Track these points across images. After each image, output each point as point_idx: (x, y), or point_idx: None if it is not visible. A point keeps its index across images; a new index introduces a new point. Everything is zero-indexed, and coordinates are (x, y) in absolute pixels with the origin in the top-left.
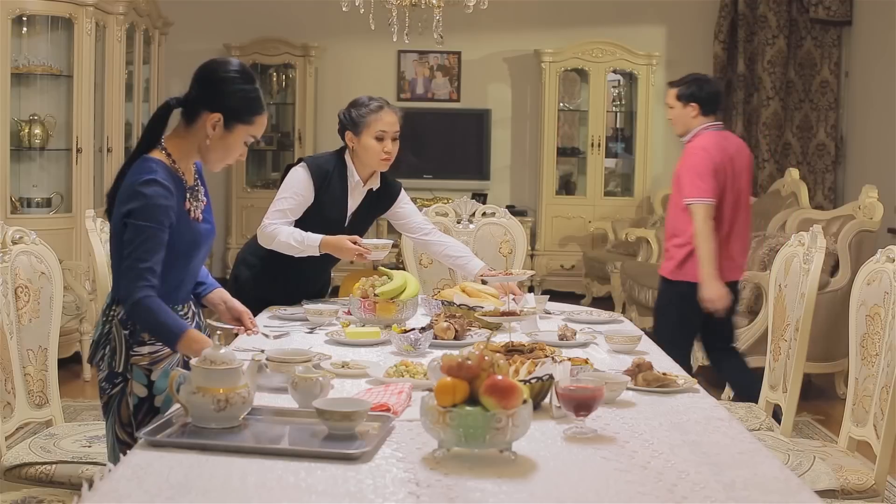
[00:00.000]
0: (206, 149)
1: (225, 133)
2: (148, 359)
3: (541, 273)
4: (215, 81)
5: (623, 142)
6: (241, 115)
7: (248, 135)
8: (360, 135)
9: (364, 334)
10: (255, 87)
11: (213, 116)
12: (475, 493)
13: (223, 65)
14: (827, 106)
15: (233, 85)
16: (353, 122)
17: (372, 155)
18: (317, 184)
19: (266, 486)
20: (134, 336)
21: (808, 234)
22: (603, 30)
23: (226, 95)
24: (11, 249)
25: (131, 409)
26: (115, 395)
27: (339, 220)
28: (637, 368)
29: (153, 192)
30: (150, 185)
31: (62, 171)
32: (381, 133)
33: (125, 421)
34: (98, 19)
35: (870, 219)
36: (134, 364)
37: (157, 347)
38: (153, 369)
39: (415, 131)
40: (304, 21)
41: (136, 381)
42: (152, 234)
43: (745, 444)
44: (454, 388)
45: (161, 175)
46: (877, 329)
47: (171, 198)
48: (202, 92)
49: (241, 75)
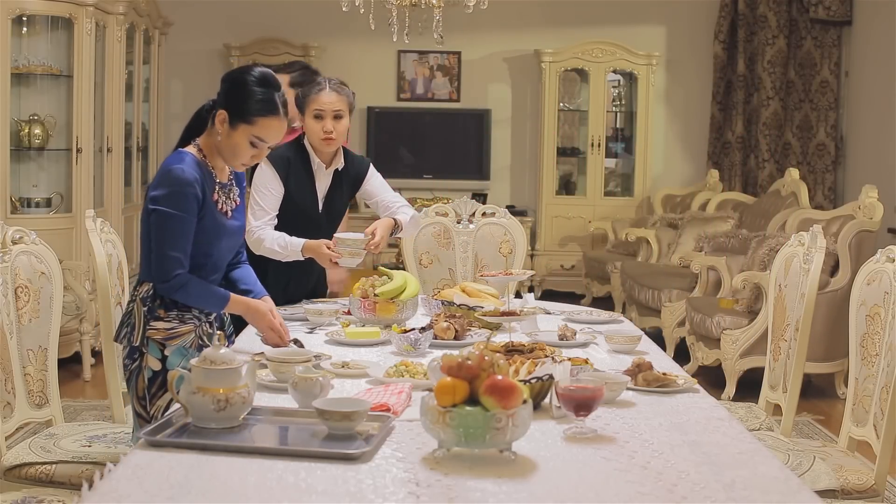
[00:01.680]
0: (219, 146)
1: (230, 131)
2: (163, 333)
3: (541, 273)
4: (230, 81)
5: (623, 142)
6: (245, 114)
7: (252, 135)
8: (304, 115)
9: (364, 334)
10: (269, 91)
11: (221, 113)
12: (475, 493)
13: (245, 69)
14: (827, 106)
15: (245, 87)
16: (299, 103)
17: (312, 134)
18: (281, 174)
19: (266, 486)
20: (151, 312)
21: (808, 234)
22: (603, 30)
23: (236, 95)
24: (11, 249)
25: (146, 382)
26: (134, 371)
27: (312, 207)
28: (637, 368)
29: (179, 180)
30: (176, 173)
31: (62, 171)
32: (318, 111)
33: (140, 394)
34: (98, 19)
35: (870, 219)
36: (150, 338)
37: (174, 325)
38: (167, 344)
39: (415, 131)
40: (304, 21)
41: (151, 354)
42: (179, 221)
43: (745, 444)
44: (454, 388)
45: (188, 165)
46: (877, 329)
47: (196, 187)
48: (221, 90)
49: (257, 79)
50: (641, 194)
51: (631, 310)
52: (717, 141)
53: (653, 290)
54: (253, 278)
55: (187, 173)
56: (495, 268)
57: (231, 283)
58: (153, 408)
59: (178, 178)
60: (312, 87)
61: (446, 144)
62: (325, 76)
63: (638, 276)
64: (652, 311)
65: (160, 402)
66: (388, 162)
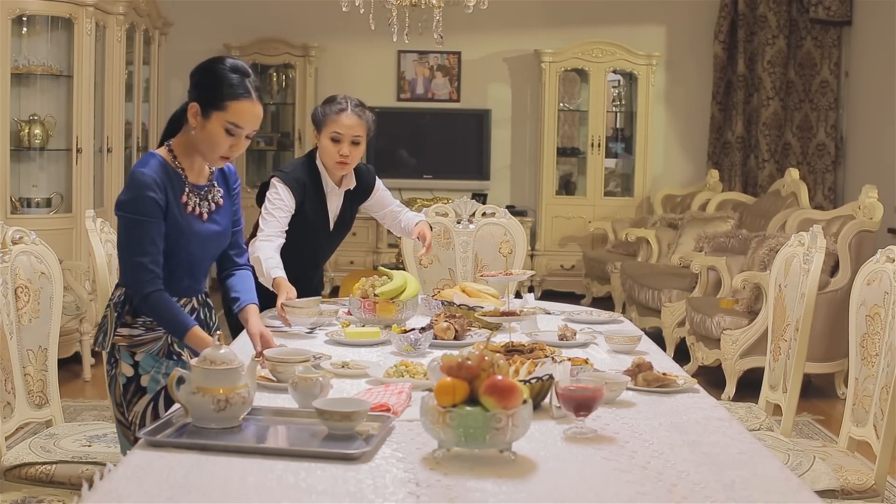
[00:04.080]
0: (196, 142)
1: (204, 122)
2: (127, 340)
3: (541, 273)
4: (200, 72)
5: (623, 142)
6: (215, 100)
7: (226, 122)
8: (321, 133)
9: (364, 334)
10: (237, 76)
11: (193, 106)
12: (475, 493)
13: (213, 59)
14: (827, 106)
15: (214, 74)
16: (316, 120)
17: (327, 155)
18: (297, 197)
19: (266, 486)
20: (120, 318)
21: (808, 234)
22: (603, 30)
23: (203, 84)
24: (11, 249)
25: (121, 388)
26: (113, 376)
27: (324, 225)
28: (637, 368)
29: (139, 183)
30: (137, 177)
31: (62, 171)
32: (336, 134)
33: (118, 401)
34: (98, 19)
35: (870, 219)
36: (117, 344)
37: (140, 332)
38: (135, 351)
39: (415, 131)
40: (304, 21)
41: (123, 360)
42: (145, 226)
43: (745, 444)
44: (454, 388)
45: (150, 168)
46: (877, 329)
47: (156, 190)
48: (190, 85)
49: (225, 66)
50: (641, 194)
51: (631, 310)
52: (717, 141)
53: (653, 290)
54: (246, 286)
55: (146, 176)
56: (495, 268)
57: (225, 291)
58: (131, 413)
59: (138, 181)
60: (332, 105)
61: (446, 144)
62: (345, 95)
63: (638, 276)
64: (652, 311)
65: (137, 407)
66: (388, 162)
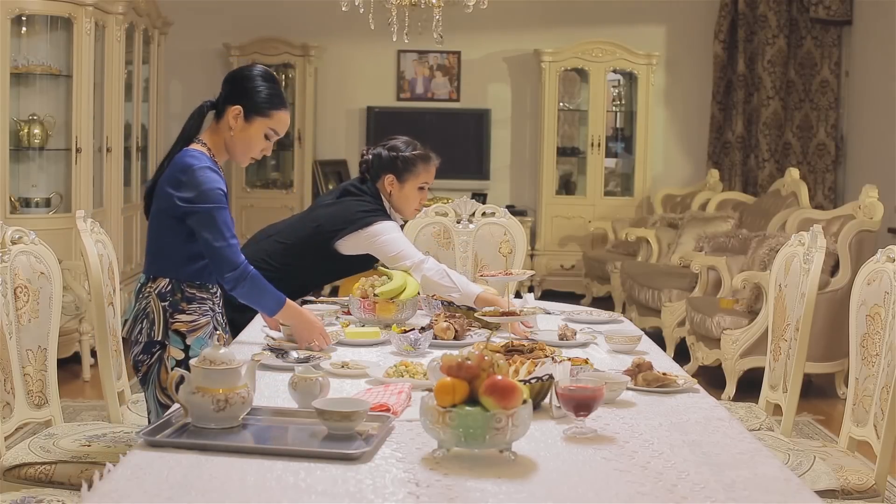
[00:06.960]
0: (231, 141)
1: (245, 125)
2: (187, 325)
3: (541, 273)
4: (238, 79)
5: (623, 142)
6: (260, 108)
7: (268, 128)
8: (405, 182)
9: (364, 334)
10: (275, 86)
11: (235, 109)
12: (475, 493)
13: (248, 67)
14: (827, 106)
15: (253, 82)
16: (398, 166)
17: (409, 204)
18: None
19: (266, 486)
20: (174, 306)
21: (809, 234)
22: (603, 30)
23: (246, 90)
24: (11, 249)
25: (170, 371)
26: (154, 364)
27: (369, 264)
28: (637, 368)
29: (209, 177)
30: (205, 171)
31: (61, 171)
32: (425, 184)
33: (165, 385)
34: (97, 19)
35: (870, 219)
36: (175, 331)
37: (195, 318)
38: (189, 335)
39: (415, 131)
40: (304, 21)
41: (174, 346)
42: (220, 214)
43: (745, 444)
44: (454, 388)
45: (208, 161)
46: (877, 329)
47: (221, 181)
48: (227, 89)
49: (262, 75)
50: (641, 194)
51: (631, 310)
52: (717, 141)
53: (653, 290)
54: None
55: (212, 170)
56: (495, 268)
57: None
58: None
59: (208, 176)
60: (422, 155)
61: (446, 144)
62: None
63: (638, 276)
64: (652, 311)
65: None
66: None
